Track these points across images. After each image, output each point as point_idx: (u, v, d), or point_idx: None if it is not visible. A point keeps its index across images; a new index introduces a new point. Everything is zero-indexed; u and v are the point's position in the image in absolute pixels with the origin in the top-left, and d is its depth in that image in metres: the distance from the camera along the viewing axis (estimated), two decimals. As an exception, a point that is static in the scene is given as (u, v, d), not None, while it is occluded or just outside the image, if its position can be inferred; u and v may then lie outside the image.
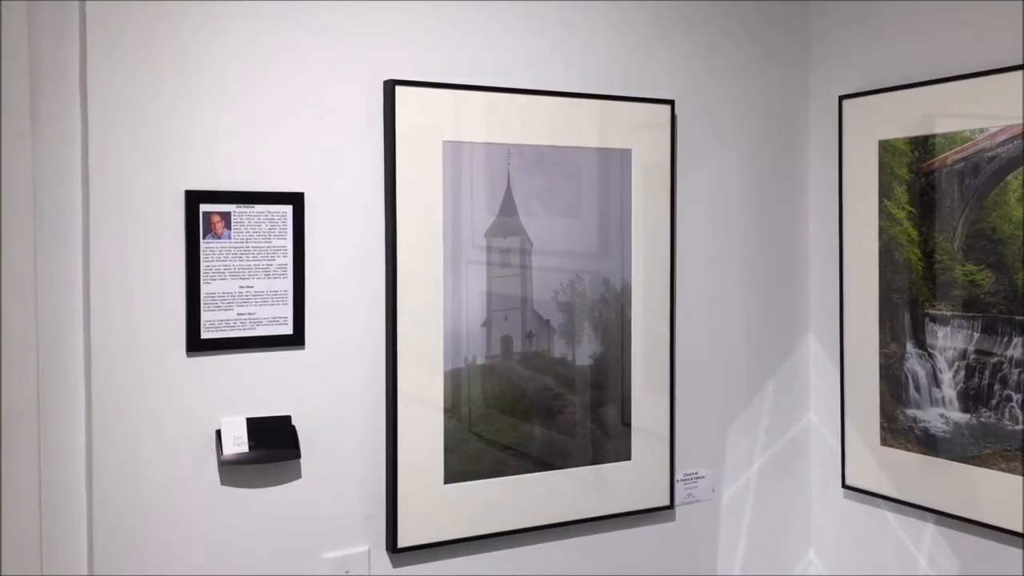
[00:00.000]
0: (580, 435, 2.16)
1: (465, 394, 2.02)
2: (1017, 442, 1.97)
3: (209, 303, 1.79)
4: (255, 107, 1.83)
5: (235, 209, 1.81)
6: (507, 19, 2.08)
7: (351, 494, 1.94)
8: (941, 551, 2.17)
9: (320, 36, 1.89)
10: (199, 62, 1.78)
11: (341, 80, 1.91)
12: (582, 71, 2.17)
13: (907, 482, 2.21)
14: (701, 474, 2.34)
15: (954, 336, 2.10)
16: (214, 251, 1.80)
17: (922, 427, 2.17)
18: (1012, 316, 1.98)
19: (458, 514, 2.01)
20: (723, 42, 2.35)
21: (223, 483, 1.82)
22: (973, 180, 2.05)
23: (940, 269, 2.13)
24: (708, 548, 2.37)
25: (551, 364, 2.12)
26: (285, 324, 1.86)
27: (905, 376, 2.21)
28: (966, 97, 2.05)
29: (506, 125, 2.05)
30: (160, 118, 1.76)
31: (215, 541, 1.82)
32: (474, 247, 2.03)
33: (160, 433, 1.77)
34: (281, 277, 1.86)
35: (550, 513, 2.12)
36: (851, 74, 2.35)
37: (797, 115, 2.46)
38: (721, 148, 2.36)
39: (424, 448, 1.97)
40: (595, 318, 2.17)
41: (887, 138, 2.22)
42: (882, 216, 2.24)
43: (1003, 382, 2.01)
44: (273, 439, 1.83)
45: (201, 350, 1.79)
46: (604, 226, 2.18)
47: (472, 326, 2.03)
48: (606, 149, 2.17)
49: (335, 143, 1.91)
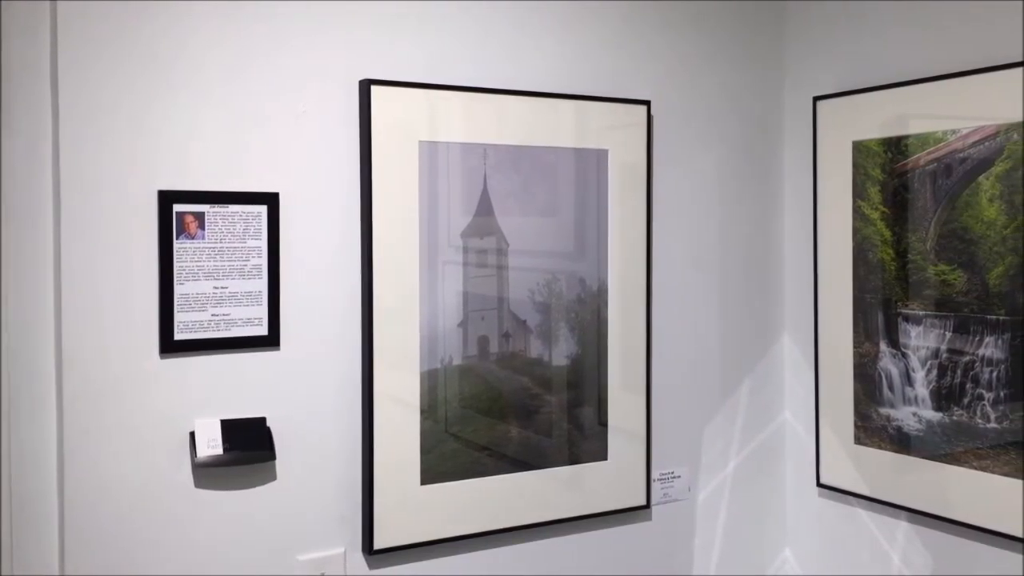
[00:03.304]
0: (557, 435, 2.16)
1: (442, 395, 2.02)
2: (988, 440, 2.00)
3: (183, 304, 1.78)
4: (229, 106, 1.82)
5: (209, 209, 1.80)
6: (483, 19, 2.08)
7: (327, 496, 1.93)
8: (914, 549, 2.19)
9: (295, 35, 1.87)
10: (172, 61, 1.77)
11: (316, 80, 1.90)
12: (558, 71, 2.17)
13: (881, 480, 2.23)
14: (677, 473, 2.34)
15: (927, 335, 2.12)
16: (188, 251, 1.78)
17: (895, 426, 2.19)
18: (983, 315, 2.00)
19: (435, 515, 2.01)
20: (699, 43, 2.36)
21: (197, 485, 1.81)
22: (945, 181, 2.07)
23: (913, 269, 2.15)
24: (684, 547, 2.38)
25: (528, 364, 2.12)
26: (260, 325, 1.85)
27: (879, 375, 2.23)
28: (939, 98, 2.07)
29: (482, 125, 2.05)
30: (133, 117, 1.74)
31: (189, 544, 1.80)
32: (450, 247, 2.02)
33: (133, 435, 1.75)
34: (256, 278, 1.84)
35: (527, 514, 2.12)
36: (826, 75, 2.37)
37: (772, 116, 2.48)
38: (697, 148, 2.37)
39: (400, 449, 1.97)
40: (572, 318, 2.17)
41: (861, 139, 2.24)
42: (856, 216, 2.26)
43: (975, 381, 2.03)
44: (248, 441, 1.82)
45: (175, 351, 1.78)
46: (581, 226, 2.18)
47: (448, 326, 2.02)
48: (582, 149, 2.17)
49: (310, 143, 1.90)
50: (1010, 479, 1.95)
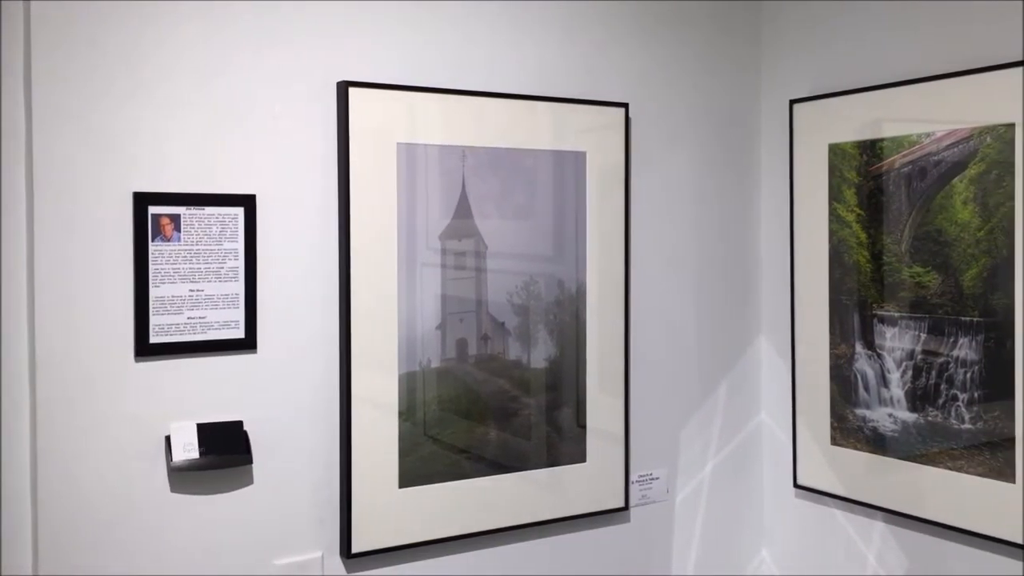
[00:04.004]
0: (535, 437, 2.16)
1: (420, 397, 2.01)
2: (963, 441, 2.02)
3: (158, 307, 1.76)
4: (206, 107, 1.80)
5: (185, 211, 1.78)
6: (461, 21, 2.07)
7: (304, 499, 1.92)
8: (889, 548, 2.21)
9: (273, 37, 1.86)
10: (148, 62, 1.75)
11: (294, 81, 1.89)
12: (536, 74, 2.17)
13: (857, 481, 2.24)
14: (656, 475, 2.35)
15: (902, 337, 2.14)
16: (163, 254, 1.77)
17: (871, 427, 2.21)
18: (958, 317, 2.02)
19: (413, 518, 2.00)
20: (676, 46, 2.37)
21: (173, 490, 1.79)
22: (920, 183, 2.09)
23: (888, 271, 2.16)
24: (662, 549, 2.38)
25: (506, 367, 2.12)
26: (237, 328, 1.83)
27: (855, 376, 2.24)
28: (913, 102, 2.09)
29: (460, 127, 2.04)
30: (107, 118, 1.72)
31: (164, 549, 1.78)
32: (429, 249, 2.02)
33: (108, 440, 1.74)
34: (232, 280, 1.83)
35: (505, 516, 2.12)
36: (802, 79, 2.38)
37: (749, 119, 2.49)
38: (675, 151, 2.37)
39: (379, 452, 1.96)
40: (550, 320, 2.17)
41: (837, 142, 2.26)
42: (832, 219, 2.28)
43: (949, 382, 2.04)
44: (224, 445, 1.81)
45: (150, 355, 1.76)
46: (559, 228, 2.18)
47: (427, 329, 2.02)
48: (561, 151, 2.17)
49: (288, 144, 1.89)
50: (984, 479, 1.97)
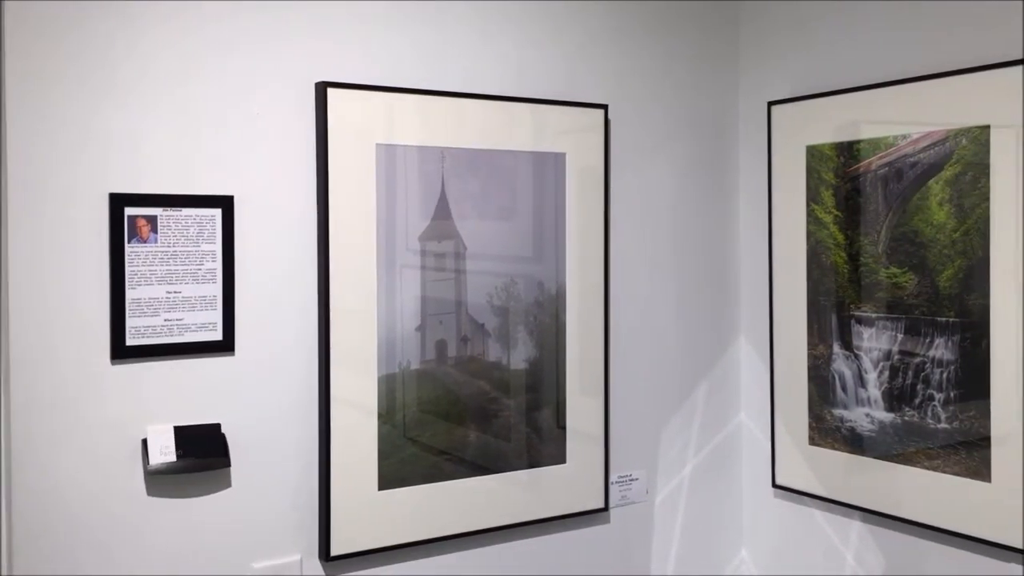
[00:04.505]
0: (515, 439, 2.16)
1: (400, 399, 2.01)
2: (939, 440, 2.03)
3: (135, 309, 1.75)
4: (183, 108, 1.79)
5: (162, 212, 1.77)
6: (440, 22, 2.07)
7: (283, 502, 1.91)
8: (867, 548, 2.22)
9: (251, 37, 1.85)
10: (124, 61, 1.74)
11: (272, 82, 1.88)
12: (516, 75, 2.17)
13: (835, 481, 2.26)
14: (635, 476, 2.35)
15: (879, 337, 2.15)
16: (140, 255, 1.75)
17: (848, 427, 2.22)
18: (934, 317, 2.04)
19: (392, 520, 2.00)
20: (655, 48, 2.37)
21: (150, 493, 1.78)
22: (896, 185, 2.10)
23: (865, 272, 2.18)
24: (642, 549, 2.39)
25: (486, 368, 2.12)
26: (214, 330, 1.82)
27: (832, 377, 2.26)
28: (890, 104, 2.11)
29: (440, 128, 2.04)
30: (83, 119, 1.71)
31: (141, 553, 1.77)
32: (408, 251, 2.01)
33: (83, 443, 1.72)
34: (210, 282, 1.82)
35: (485, 518, 2.11)
36: (780, 80, 2.39)
37: (728, 120, 2.50)
38: (654, 152, 2.38)
39: (358, 454, 1.95)
40: (530, 322, 2.17)
41: (814, 143, 2.27)
42: (809, 220, 2.29)
43: (925, 382, 2.06)
44: (202, 448, 1.80)
45: (126, 357, 1.75)
46: (539, 230, 2.18)
47: (406, 330, 2.01)
48: (540, 153, 2.17)
49: (266, 145, 1.88)
50: (960, 478, 1.99)
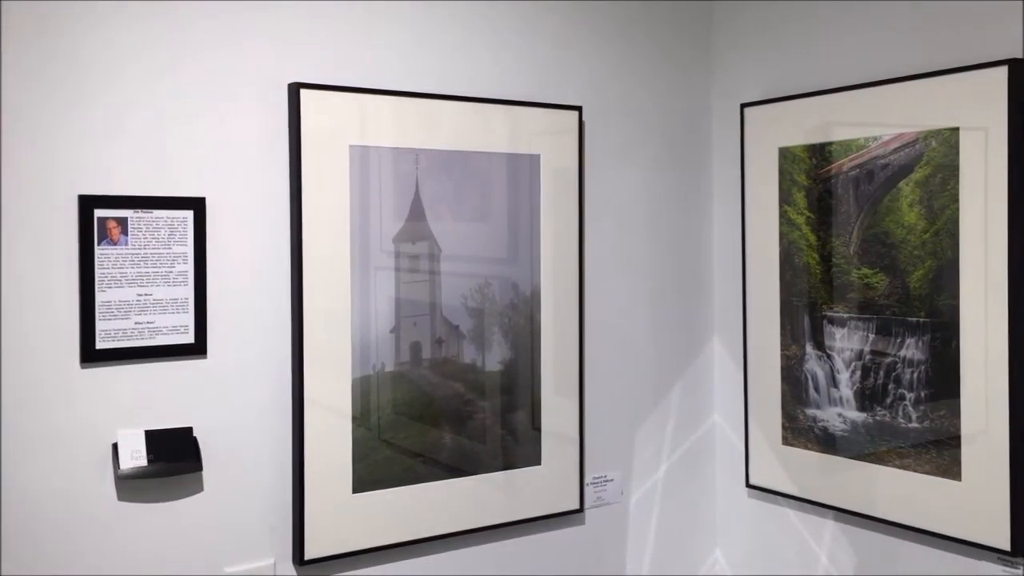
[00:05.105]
0: (490, 441, 2.15)
1: (374, 401, 2.00)
2: (910, 439, 2.05)
3: (105, 312, 1.73)
4: (155, 109, 1.77)
5: (132, 214, 1.75)
6: (413, 23, 2.06)
7: (256, 506, 1.89)
8: (840, 547, 2.24)
9: (224, 38, 1.84)
10: (96, 62, 1.72)
11: (245, 82, 1.86)
12: (490, 76, 2.16)
13: (808, 480, 2.27)
14: (610, 477, 2.36)
15: (851, 337, 2.17)
16: (110, 258, 1.73)
17: (821, 426, 2.24)
18: (905, 317, 2.06)
19: (367, 523, 1.99)
20: (629, 50, 2.38)
21: (120, 498, 1.76)
22: (867, 186, 2.12)
23: (837, 272, 2.19)
24: (617, 550, 2.39)
25: (461, 370, 2.11)
26: (186, 333, 1.80)
27: (805, 377, 2.27)
28: (861, 106, 2.13)
29: (414, 129, 2.03)
30: (53, 120, 1.68)
31: (112, 559, 1.75)
32: (382, 252, 2.00)
33: (53, 447, 1.70)
34: (182, 284, 1.80)
35: (461, 520, 2.11)
36: (753, 83, 2.41)
37: (701, 122, 2.51)
38: (628, 154, 2.39)
39: (332, 457, 1.94)
40: (505, 323, 2.17)
41: (787, 145, 2.29)
42: (782, 221, 2.30)
43: (897, 381, 2.08)
44: (173, 451, 1.78)
45: (96, 361, 1.73)
46: (513, 231, 2.18)
47: (381, 332, 2.00)
48: (515, 154, 2.17)
49: (238, 147, 1.86)
50: (931, 477, 2.01)
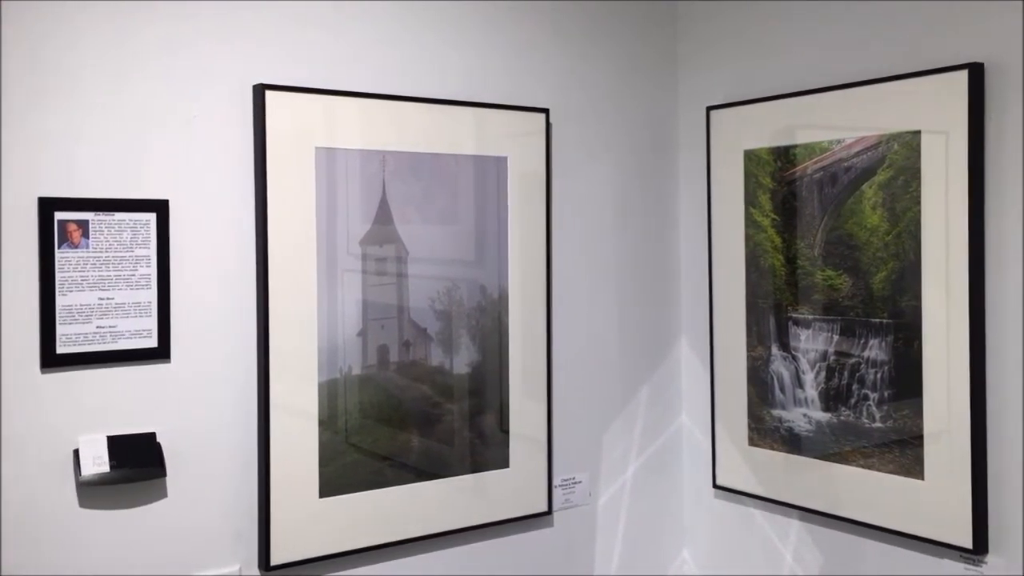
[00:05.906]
0: (459, 444, 2.15)
1: (341, 405, 1.98)
2: (874, 439, 2.07)
3: (65, 316, 1.70)
4: (117, 111, 1.75)
5: (93, 217, 1.73)
6: (380, 25, 2.06)
7: (221, 512, 1.87)
8: (805, 546, 2.26)
9: (187, 39, 1.82)
10: (56, 63, 1.69)
11: (209, 84, 1.85)
12: (457, 78, 2.16)
13: (774, 481, 2.29)
14: (578, 479, 2.36)
15: (815, 338, 2.19)
16: (70, 261, 1.71)
17: (787, 427, 2.26)
18: (868, 319, 2.08)
19: (334, 528, 1.97)
20: (596, 53, 2.39)
21: (82, 505, 1.73)
22: (831, 189, 2.14)
23: (802, 274, 2.21)
24: (585, 551, 2.39)
25: (429, 373, 2.10)
26: (149, 337, 1.78)
27: (771, 378, 2.29)
28: (824, 109, 2.15)
29: (381, 131, 2.03)
30: (11, 121, 1.66)
31: (74, 566, 1.72)
32: (349, 255, 1.99)
33: (12, 454, 1.67)
34: (144, 288, 1.78)
35: (429, 523, 2.10)
36: (718, 86, 2.42)
37: (667, 125, 2.53)
38: (595, 156, 2.39)
39: (298, 461, 1.93)
40: (472, 326, 2.16)
41: (752, 148, 2.31)
42: (748, 223, 2.32)
43: (860, 382, 2.10)
44: (136, 457, 1.75)
45: (57, 365, 1.70)
46: (481, 234, 2.17)
47: (348, 335, 1.99)
48: (482, 157, 2.17)
49: (203, 149, 1.84)
50: (894, 476, 2.03)
